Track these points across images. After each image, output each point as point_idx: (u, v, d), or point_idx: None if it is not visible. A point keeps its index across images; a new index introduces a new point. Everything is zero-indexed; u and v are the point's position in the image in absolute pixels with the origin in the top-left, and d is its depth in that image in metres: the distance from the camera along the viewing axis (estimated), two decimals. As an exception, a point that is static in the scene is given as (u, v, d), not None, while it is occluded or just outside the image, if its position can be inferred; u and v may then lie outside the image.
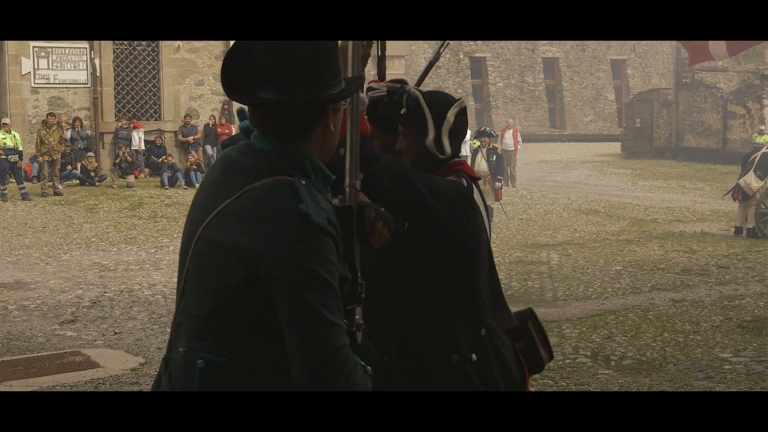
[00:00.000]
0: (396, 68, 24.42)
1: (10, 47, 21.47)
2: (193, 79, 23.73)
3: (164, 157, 21.88)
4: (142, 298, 10.09)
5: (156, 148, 22.54)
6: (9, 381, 6.95)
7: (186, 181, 21.37)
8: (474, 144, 17.89)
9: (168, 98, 23.45)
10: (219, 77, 2.30)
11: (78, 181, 21.36)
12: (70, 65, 22.26)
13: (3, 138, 19.08)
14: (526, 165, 27.06)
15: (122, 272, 11.72)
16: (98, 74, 22.32)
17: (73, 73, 22.31)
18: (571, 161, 30.40)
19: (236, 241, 2.08)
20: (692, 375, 7.06)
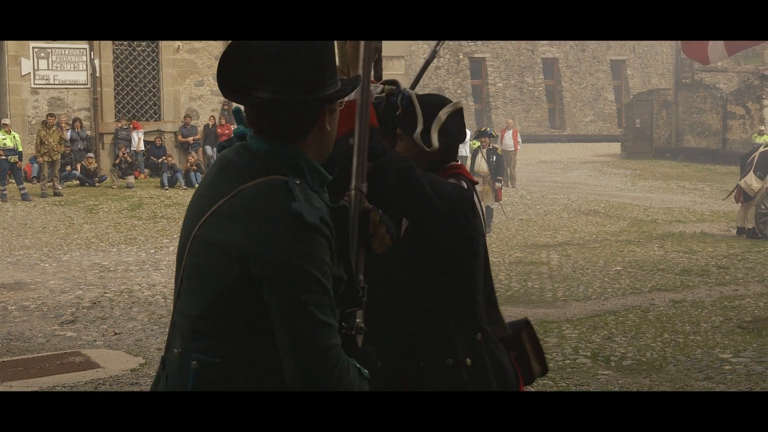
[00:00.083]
0: (395, 68, 24.41)
1: (10, 48, 21.47)
2: (193, 80, 23.73)
3: (164, 158, 21.89)
4: (142, 299, 10.09)
5: (156, 149, 22.54)
6: (9, 381, 6.96)
7: (186, 182, 21.37)
8: (474, 144, 17.89)
9: (168, 99, 23.46)
10: (217, 77, 2.31)
11: (78, 182, 21.37)
12: (70, 66, 22.25)
13: (3, 138, 19.08)
14: (526, 165, 27.06)
15: (122, 273, 11.72)
16: (98, 75, 22.31)
17: (73, 74, 22.30)
18: (571, 162, 30.41)
19: (231, 241, 2.08)
20: (692, 375, 7.06)
